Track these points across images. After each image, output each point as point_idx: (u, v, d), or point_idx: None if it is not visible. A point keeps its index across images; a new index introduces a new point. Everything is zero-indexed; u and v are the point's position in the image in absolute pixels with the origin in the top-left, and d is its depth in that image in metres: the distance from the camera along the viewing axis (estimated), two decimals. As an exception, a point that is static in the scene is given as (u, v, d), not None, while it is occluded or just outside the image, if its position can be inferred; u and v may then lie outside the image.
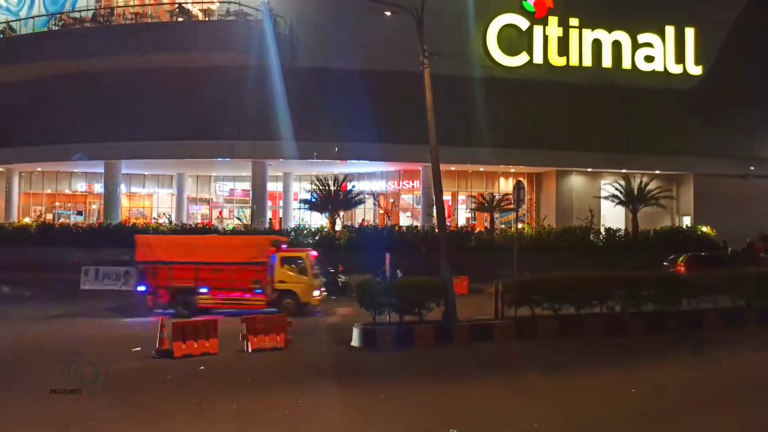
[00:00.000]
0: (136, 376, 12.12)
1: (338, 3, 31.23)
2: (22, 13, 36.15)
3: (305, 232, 29.74)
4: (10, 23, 35.11)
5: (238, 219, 35.71)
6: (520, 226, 28.69)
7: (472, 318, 16.00)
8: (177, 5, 31.89)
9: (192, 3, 32.29)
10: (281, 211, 38.03)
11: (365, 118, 29.80)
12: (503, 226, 33.37)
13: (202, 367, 12.64)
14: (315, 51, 30.83)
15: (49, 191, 39.92)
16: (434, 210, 18.35)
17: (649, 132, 34.10)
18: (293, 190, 37.81)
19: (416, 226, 30.90)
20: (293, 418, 9.45)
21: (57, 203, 40.02)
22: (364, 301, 15.29)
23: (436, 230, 20.21)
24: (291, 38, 31.29)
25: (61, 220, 36.54)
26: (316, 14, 31.49)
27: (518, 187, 20.87)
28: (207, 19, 31.93)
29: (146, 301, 19.67)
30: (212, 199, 41.15)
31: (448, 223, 27.79)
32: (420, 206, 34.17)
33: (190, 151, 32.06)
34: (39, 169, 38.46)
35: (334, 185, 30.80)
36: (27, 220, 36.09)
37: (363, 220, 35.48)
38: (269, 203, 35.63)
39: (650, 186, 32.26)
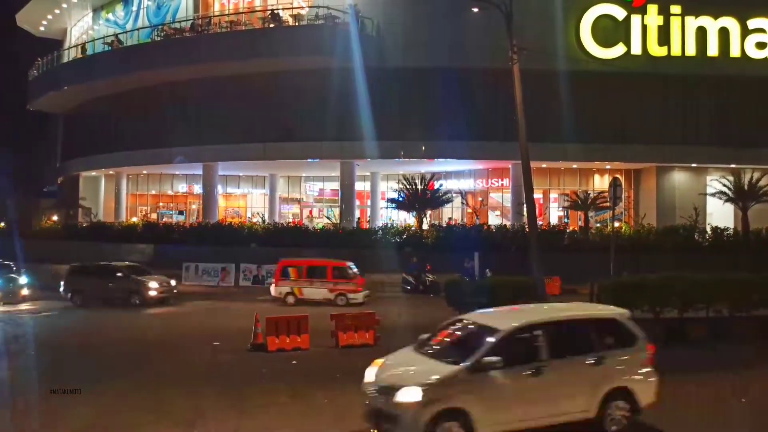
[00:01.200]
0: (234, 368, 12.61)
1: (425, 2, 31.18)
2: (128, 26, 38.71)
3: (392, 231, 29.87)
4: (118, 36, 37.68)
5: (327, 218, 36.42)
6: (617, 224, 27.38)
7: (565, 320, 15.42)
8: (269, 12, 32.99)
9: (282, 9, 33.28)
10: (369, 210, 38.45)
11: (453, 116, 29.58)
12: (598, 225, 31.99)
13: (294, 362, 12.98)
14: (402, 51, 30.91)
15: (153, 192, 42.56)
16: (524, 208, 17.88)
17: (760, 124, 31.54)
18: (380, 189, 38.11)
19: (506, 225, 30.25)
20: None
21: (161, 203, 42.59)
22: (452, 299, 15.19)
23: (527, 229, 19.66)
24: (378, 39, 31.52)
25: (164, 219, 38.78)
26: (402, 15, 31.59)
27: (615, 184, 19.92)
28: (297, 24, 32.78)
29: None
30: (302, 198, 42.26)
31: (540, 222, 26.95)
32: (510, 205, 33.46)
33: (281, 153, 33.04)
34: (144, 172, 41.06)
35: (421, 184, 30.74)
36: (134, 219, 38.63)
37: (450, 218, 35.17)
38: (357, 202, 36.08)
39: (762, 182, 29.82)
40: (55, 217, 42.67)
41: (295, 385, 11.21)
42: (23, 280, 23.81)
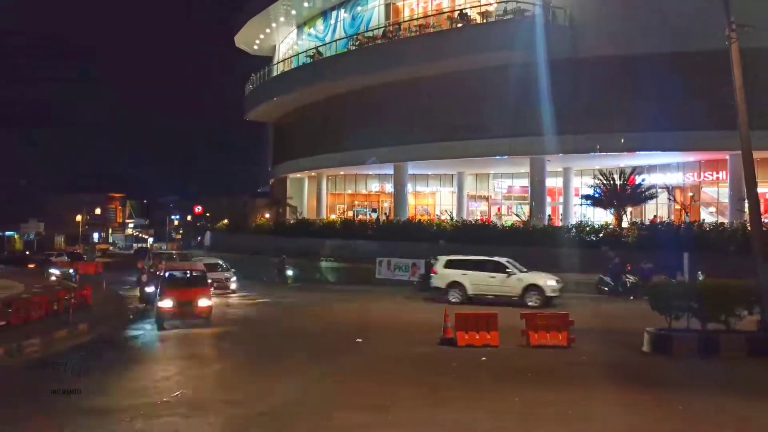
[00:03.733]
0: (425, 361, 12.89)
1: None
2: (327, 39, 41.65)
3: (587, 228, 28.26)
4: (318, 48, 40.74)
5: (516, 215, 35.66)
6: None
7: (800, 332, 13.31)
8: (457, 12, 33.21)
9: (470, 8, 33.28)
10: (561, 207, 36.88)
11: (656, 104, 27.23)
12: None
13: (483, 358, 12.87)
14: (596, 39, 29.07)
15: (349, 192, 45.37)
16: (746, 204, 15.75)
17: None
18: (574, 186, 36.30)
19: (722, 223, 26.94)
20: (578, 419, 8.96)
21: (356, 202, 45.25)
22: (657, 303, 13.86)
23: (749, 227, 17.28)
24: (571, 29, 30.07)
25: (359, 217, 41.09)
26: (596, 1, 29.80)
27: None
28: (484, 21, 32.58)
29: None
30: (490, 196, 41.89)
31: (766, 220, 23.56)
32: (727, 200, 29.77)
33: (469, 151, 33.03)
34: (342, 173, 43.90)
35: (620, 179, 28.67)
36: (333, 216, 41.50)
37: (654, 216, 32.27)
38: (548, 199, 34.82)
39: None
40: (267, 215, 47.45)
41: (484, 382, 11.12)
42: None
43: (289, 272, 31.88)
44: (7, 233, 68.13)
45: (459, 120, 32.60)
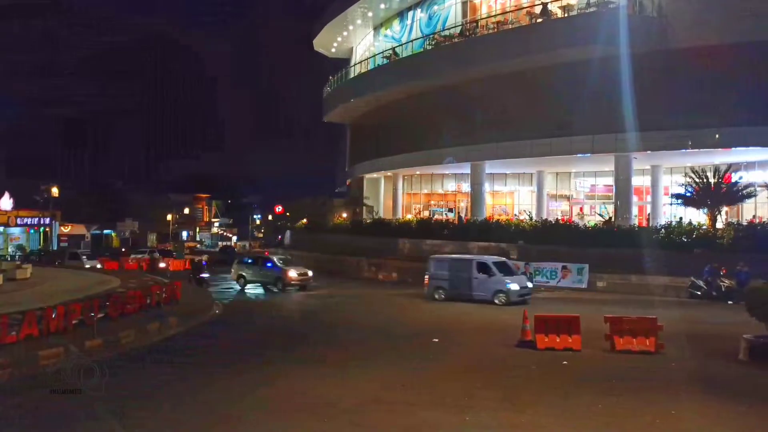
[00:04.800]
0: (503, 363, 12.61)
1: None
2: (403, 39, 41.71)
3: (677, 229, 26.80)
4: (395, 49, 40.84)
5: (600, 215, 34.33)
6: None
7: None
8: (540, 6, 32.34)
9: (551, 1, 32.35)
10: (649, 206, 35.16)
11: (753, 96, 25.55)
12: None
13: (564, 362, 12.45)
14: (688, 30, 27.52)
15: (425, 191, 45.23)
16: None
17: None
18: (663, 184, 34.50)
19: (830, 224, 24.82)
20: (667, 428, 8.47)
21: (432, 202, 45.05)
22: (756, 309, 12.92)
23: None
24: (660, 20, 28.65)
25: (435, 217, 40.89)
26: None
27: None
28: (566, 15, 31.58)
29: None
30: (572, 195, 40.57)
31: None
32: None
33: (549, 149, 32.10)
34: (417, 173, 43.84)
35: (714, 177, 26.98)
36: (409, 216, 41.51)
37: (753, 216, 30.13)
38: (634, 198, 33.27)
39: None
40: (344, 214, 48.11)
41: (566, 386, 10.71)
42: None
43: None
44: (105, 231, 72.77)
45: (538, 117, 31.82)
